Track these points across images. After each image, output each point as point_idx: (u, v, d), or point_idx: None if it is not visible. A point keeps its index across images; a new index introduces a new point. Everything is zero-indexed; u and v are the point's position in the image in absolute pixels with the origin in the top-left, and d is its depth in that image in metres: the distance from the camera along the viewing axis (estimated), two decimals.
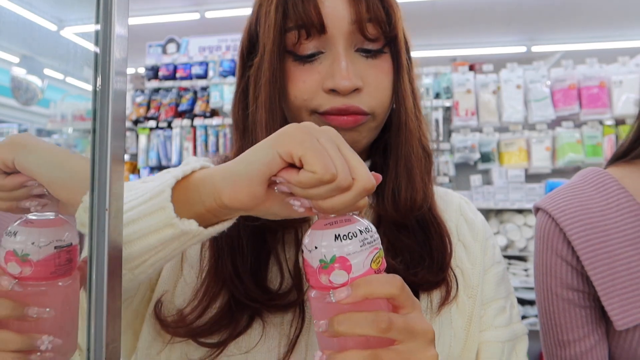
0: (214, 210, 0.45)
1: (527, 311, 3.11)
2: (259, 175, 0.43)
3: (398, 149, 0.64)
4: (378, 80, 0.61)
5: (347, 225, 0.42)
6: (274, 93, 0.60)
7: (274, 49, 0.59)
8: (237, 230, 0.60)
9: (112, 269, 0.34)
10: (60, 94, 0.69)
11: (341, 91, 0.58)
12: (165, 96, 3.88)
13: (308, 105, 0.60)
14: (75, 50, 0.46)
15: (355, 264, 0.41)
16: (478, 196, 3.15)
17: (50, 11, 0.66)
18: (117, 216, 0.35)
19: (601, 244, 0.72)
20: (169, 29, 4.82)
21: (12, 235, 0.43)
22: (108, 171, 0.34)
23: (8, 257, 0.43)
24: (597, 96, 3.06)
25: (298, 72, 0.61)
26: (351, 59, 0.60)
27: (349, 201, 0.41)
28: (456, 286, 0.65)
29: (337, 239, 0.42)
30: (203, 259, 0.62)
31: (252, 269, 0.59)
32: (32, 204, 0.44)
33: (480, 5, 5.59)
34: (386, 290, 0.42)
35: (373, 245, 0.42)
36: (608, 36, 6.42)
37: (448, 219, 0.70)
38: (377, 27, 0.60)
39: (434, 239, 0.65)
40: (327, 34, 0.59)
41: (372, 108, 0.61)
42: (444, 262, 0.64)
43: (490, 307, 0.67)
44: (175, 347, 0.58)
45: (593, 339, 0.74)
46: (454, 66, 3.51)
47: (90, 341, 0.33)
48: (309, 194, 0.41)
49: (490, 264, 0.70)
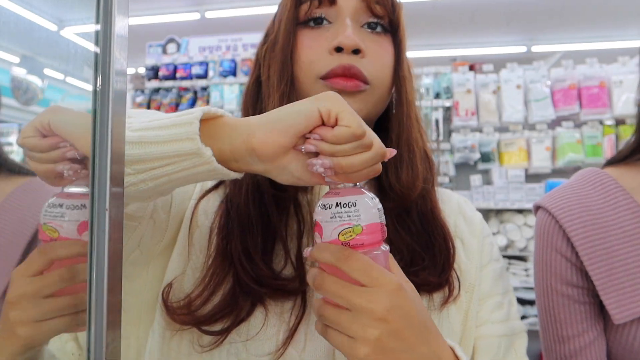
0: (236, 153, 0.47)
1: (527, 311, 3.11)
2: (294, 125, 0.46)
3: (400, 133, 0.67)
4: (379, 53, 0.65)
5: (334, 197, 0.48)
6: (286, 56, 0.64)
7: (288, 17, 0.65)
8: (247, 210, 0.63)
9: (112, 268, 0.34)
10: (61, 94, 0.69)
11: (345, 47, 0.61)
12: (165, 96, 3.88)
13: (314, 69, 0.63)
14: (75, 50, 0.46)
15: (325, 230, 0.48)
16: (478, 196, 3.15)
17: (50, 11, 0.66)
18: (117, 216, 0.35)
19: (600, 240, 0.73)
20: (169, 29, 4.82)
21: (81, 207, 0.47)
22: (108, 171, 0.34)
23: (83, 227, 0.47)
24: (597, 96, 3.06)
25: (307, 38, 0.65)
26: (357, 29, 0.64)
27: (367, 161, 0.46)
28: (458, 286, 0.65)
29: (319, 207, 0.49)
30: (211, 244, 0.63)
31: (261, 248, 0.61)
32: (65, 167, 0.46)
33: (480, 5, 5.59)
34: (326, 257, 0.47)
35: (345, 220, 0.47)
36: (608, 36, 6.41)
37: (447, 217, 0.71)
38: (384, 9, 0.65)
39: (437, 241, 0.66)
40: (337, 5, 0.64)
41: (372, 76, 0.63)
42: (447, 265, 0.65)
43: (487, 302, 0.67)
44: (184, 334, 0.59)
45: (592, 335, 0.75)
46: (454, 66, 3.51)
47: (90, 341, 0.33)
48: (336, 150, 0.45)
49: (488, 260, 0.71)
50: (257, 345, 0.58)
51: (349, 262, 0.46)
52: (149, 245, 0.61)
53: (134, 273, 0.63)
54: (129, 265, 0.62)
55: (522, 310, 3.10)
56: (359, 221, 0.47)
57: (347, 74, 0.61)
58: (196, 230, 0.64)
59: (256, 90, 0.70)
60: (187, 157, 0.46)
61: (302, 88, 0.64)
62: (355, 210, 0.47)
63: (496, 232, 3.19)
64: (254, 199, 0.63)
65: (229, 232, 0.62)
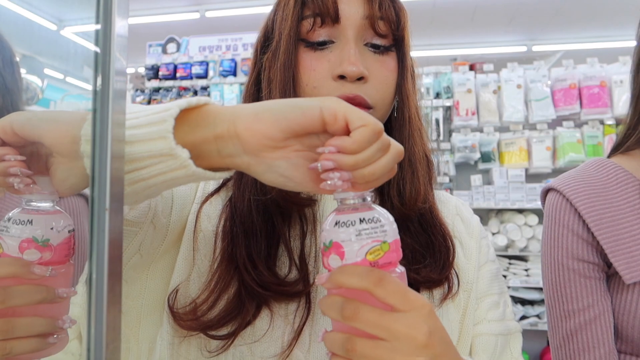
0: (220, 141, 0.43)
1: (528, 311, 3.10)
2: (288, 119, 0.41)
3: (402, 144, 0.66)
4: (383, 75, 0.64)
5: (353, 212, 0.43)
6: (288, 76, 0.63)
7: (290, 34, 0.63)
8: (251, 216, 0.62)
9: (112, 268, 0.34)
10: (60, 93, 0.69)
11: (348, 76, 0.61)
12: (165, 96, 3.88)
13: (317, 95, 0.63)
14: (75, 50, 0.46)
15: (348, 251, 0.42)
16: (478, 196, 3.14)
17: (50, 11, 0.66)
18: (117, 216, 0.35)
19: (606, 210, 0.80)
20: (169, 29, 4.82)
21: (26, 223, 0.45)
22: (108, 171, 0.34)
23: (25, 245, 0.44)
24: (598, 96, 3.06)
25: (309, 59, 0.64)
26: (360, 51, 0.63)
27: (388, 164, 0.42)
28: (457, 282, 0.67)
29: (336, 225, 0.43)
30: (216, 248, 0.63)
31: (265, 255, 0.61)
32: (15, 180, 0.43)
33: (481, 5, 5.59)
34: (356, 282, 0.41)
35: (372, 237, 0.42)
36: (609, 36, 6.41)
37: (445, 218, 0.72)
38: (387, 26, 0.64)
39: (437, 240, 0.67)
40: (340, 24, 0.63)
41: (375, 101, 0.63)
42: (447, 262, 0.66)
43: (483, 301, 0.69)
44: (192, 340, 0.59)
45: (597, 309, 0.78)
46: (454, 66, 3.51)
47: (90, 341, 0.33)
48: (359, 160, 0.41)
49: (485, 260, 0.72)
50: (263, 348, 0.58)
51: (383, 285, 0.41)
52: (150, 249, 0.61)
53: (133, 276, 0.63)
54: (129, 269, 0.61)
55: (522, 310, 3.10)
56: (386, 237, 0.43)
57: (351, 103, 0.61)
58: (200, 235, 0.64)
59: (255, 92, 0.70)
60: (160, 158, 0.41)
61: None
62: (381, 226, 0.43)
63: (496, 232, 3.19)
64: (257, 205, 0.62)
65: (234, 237, 0.61)
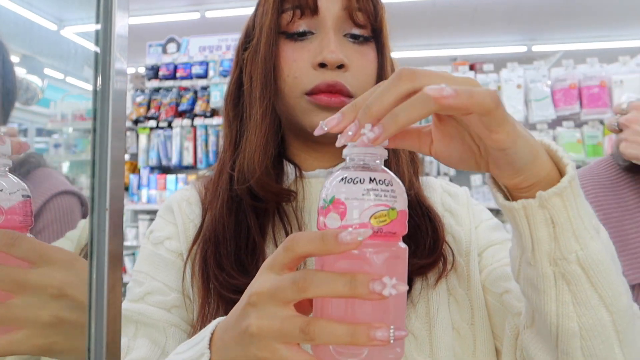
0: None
1: None
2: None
3: None
4: (362, 64, 0.66)
5: (364, 171, 0.38)
6: (269, 69, 0.64)
7: (270, 26, 0.64)
8: (222, 219, 0.64)
9: (112, 268, 0.34)
10: (61, 93, 0.69)
11: (329, 63, 0.62)
12: (165, 96, 3.88)
13: (298, 85, 0.64)
14: (75, 50, 0.46)
15: (350, 211, 0.36)
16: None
17: (50, 11, 0.66)
18: (117, 216, 0.35)
19: (612, 209, 0.83)
20: (169, 29, 4.82)
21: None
22: (108, 171, 0.34)
23: None
24: (598, 96, 3.06)
25: (290, 50, 0.65)
26: (340, 41, 0.65)
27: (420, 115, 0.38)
28: (452, 256, 0.65)
29: (342, 181, 0.37)
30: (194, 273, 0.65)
31: (235, 259, 0.61)
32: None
33: (481, 5, 5.59)
34: (313, 247, 0.35)
35: (381, 201, 0.37)
36: (609, 36, 6.41)
37: (434, 198, 0.72)
38: (366, 16, 0.65)
39: (422, 224, 0.65)
40: (319, 15, 0.64)
41: (355, 89, 0.64)
42: (436, 243, 0.64)
43: (486, 251, 0.67)
44: None
45: None
46: (454, 66, 3.51)
47: (90, 341, 0.33)
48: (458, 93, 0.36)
49: (479, 220, 0.71)
50: None
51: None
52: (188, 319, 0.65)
53: None
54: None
55: None
56: (395, 204, 0.37)
57: (332, 90, 0.62)
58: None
59: (237, 94, 0.71)
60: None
61: (286, 102, 0.66)
62: (392, 191, 0.38)
63: None
64: (229, 210, 0.65)
65: (205, 252, 0.63)
